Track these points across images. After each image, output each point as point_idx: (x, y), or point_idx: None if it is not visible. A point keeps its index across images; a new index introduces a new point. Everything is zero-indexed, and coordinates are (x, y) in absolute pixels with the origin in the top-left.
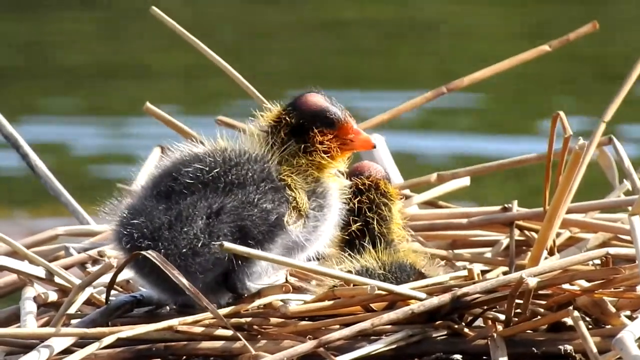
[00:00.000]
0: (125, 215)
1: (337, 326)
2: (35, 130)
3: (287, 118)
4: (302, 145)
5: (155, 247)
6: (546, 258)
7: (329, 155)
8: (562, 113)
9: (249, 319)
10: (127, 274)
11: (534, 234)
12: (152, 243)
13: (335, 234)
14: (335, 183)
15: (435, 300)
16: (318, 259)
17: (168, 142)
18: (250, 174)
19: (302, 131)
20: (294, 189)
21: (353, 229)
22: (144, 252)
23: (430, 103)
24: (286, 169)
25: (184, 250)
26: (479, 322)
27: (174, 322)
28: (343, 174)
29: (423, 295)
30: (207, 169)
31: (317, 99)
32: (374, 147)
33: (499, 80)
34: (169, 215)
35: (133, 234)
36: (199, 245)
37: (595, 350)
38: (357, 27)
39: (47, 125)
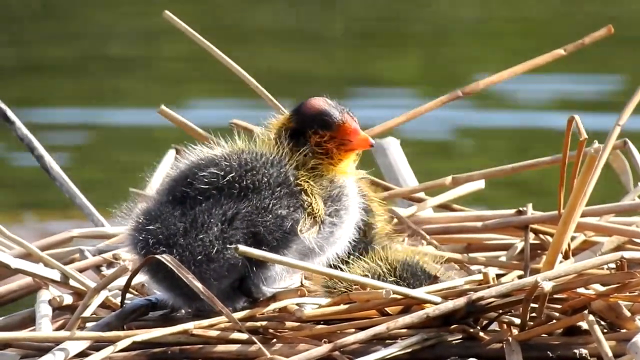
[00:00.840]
0: (140, 220)
1: (352, 330)
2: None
3: (288, 123)
4: (305, 149)
5: (170, 253)
6: (561, 262)
7: (327, 156)
8: (577, 117)
9: (264, 323)
10: (143, 277)
11: (548, 237)
12: (167, 249)
13: (354, 235)
14: (352, 181)
15: (450, 304)
16: (334, 265)
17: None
18: (266, 179)
19: (300, 135)
20: (310, 195)
21: None
22: (158, 256)
23: None
24: (303, 174)
25: (199, 257)
26: (494, 326)
27: (189, 325)
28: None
29: (438, 299)
30: (222, 173)
31: (317, 102)
32: (372, 145)
33: None
34: (184, 221)
35: (148, 240)
36: (214, 251)
37: (610, 354)
38: None
39: None
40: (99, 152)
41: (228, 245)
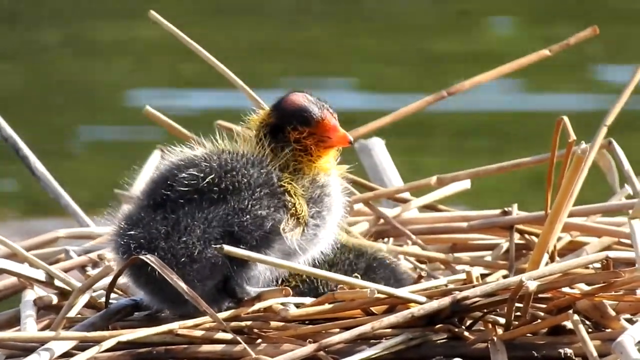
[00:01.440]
0: (122, 225)
1: (337, 330)
2: None
3: (268, 119)
4: (283, 146)
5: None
6: (547, 263)
7: (306, 153)
8: (565, 118)
9: (249, 323)
10: (126, 282)
11: (534, 237)
12: (148, 253)
13: (337, 234)
14: (333, 178)
15: (435, 304)
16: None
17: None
18: (246, 180)
19: (278, 131)
20: (294, 196)
21: None
22: (142, 257)
23: None
24: (287, 176)
25: (182, 259)
26: (479, 325)
27: (174, 325)
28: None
29: (423, 299)
30: (202, 175)
31: (297, 98)
32: (351, 142)
33: None
34: (166, 224)
35: (130, 244)
36: (196, 252)
37: (595, 353)
38: None
39: None
40: None
41: (213, 245)
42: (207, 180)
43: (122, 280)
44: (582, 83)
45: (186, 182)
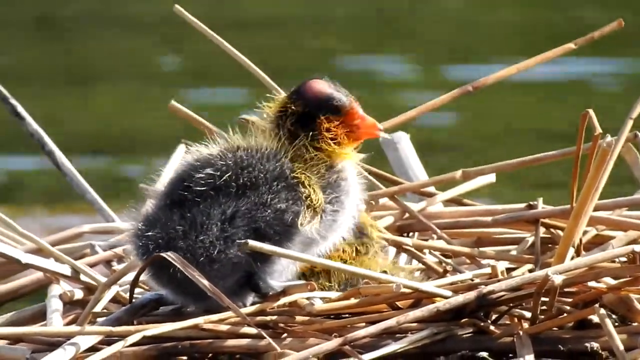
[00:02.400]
0: (140, 226)
1: (363, 324)
2: None
3: (292, 107)
4: (310, 134)
5: None
6: (573, 258)
7: (336, 142)
8: (591, 111)
9: (274, 317)
10: (149, 282)
11: (559, 231)
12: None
13: (355, 222)
14: (350, 163)
15: (460, 298)
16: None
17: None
18: (263, 174)
19: (308, 119)
20: (308, 186)
21: None
22: (164, 254)
23: None
24: (299, 166)
25: (201, 259)
26: (505, 319)
27: (199, 320)
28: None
29: (449, 293)
30: (218, 174)
31: (322, 85)
32: (380, 131)
33: None
34: (183, 224)
35: (148, 246)
36: (215, 252)
37: (621, 347)
38: None
39: None
40: None
41: (237, 241)
42: (224, 178)
43: (145, 279)
44: None
45: (203, 181)
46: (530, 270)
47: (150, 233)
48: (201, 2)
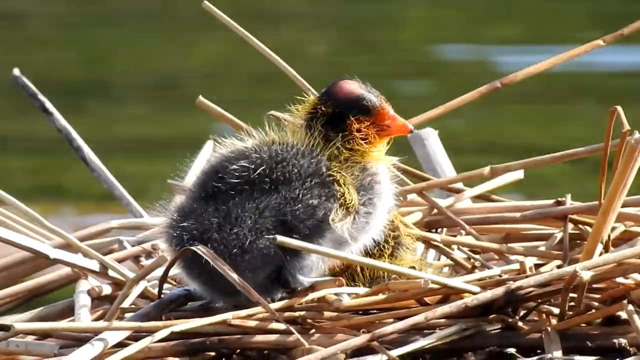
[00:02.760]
0: (174, 217)
1: (391, 320)
2: None
3: (322, 108)
4: (340, 135)
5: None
6: (601, 254)
7: (367, 142)
8: (619, 108)
9: (302, 313)
10: (179, 273)
11: (588, 228)
12: (201, 244)
13: (387, 221)
14: (383, 167)
15: (489, 294)
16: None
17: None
18: (297, 170)
19: (338, 120)
20: (343, 185)
21: None
22: (194, 248)
23: None
24: (335, 165)
25: (234, 250)
26: (533, 315)
27: (227, 316)
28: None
29: (477, 289)
30: (252, 166)
31: (352, 86)
32: (411, 131)
33: None
34: (218, 216)
35: (183, 236)
36: (247, 243)
37: None
38: None
39: None
40: None
41: (266, 236)
42: (258, 171)
43: (175, 271)
44: None
45: (237, 173)
46: (559, 267)
47: (185, 224)
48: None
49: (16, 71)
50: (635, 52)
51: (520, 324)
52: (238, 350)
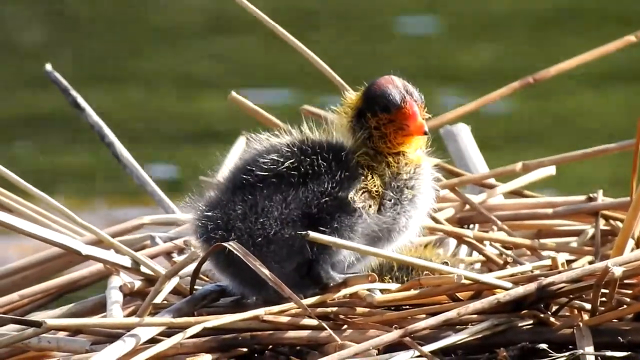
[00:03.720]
0: (201, 208)
1: (423, 315)
2: None
3: (357, 103)
4: (361, 131)
5: (229, 237)
6: (632, 249)
7: (384, 140)
8: None
9: (334, 309)
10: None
11: (619, 223)
12: (225, 233)
13: (425, 222)
14: (423, 168)
15: (521, 290)
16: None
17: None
18: (326, 163)
19: (362, 116)
20: (370, 175)
21: None
22: (225, 244)
23: None
24: (364, 157)
25: (259, 239)
26: (565, 311)
27: (260, 311)
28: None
29: (509, 285)
30: (282, 159)
31: (383, 83)
32: (425, 133)
33: None
34: (243, 206)
35: (207, 226)
36: (272, 233)
37: None
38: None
39: None
40: None
41: (298, 232)
42: (286, 164)
43: (207, 266)
44: None
45: (266, 166)
46: (590, 262)
47: (209, 213)
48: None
49: (48, 66)
50: None
51: (552, 319)
52: (270, 346)
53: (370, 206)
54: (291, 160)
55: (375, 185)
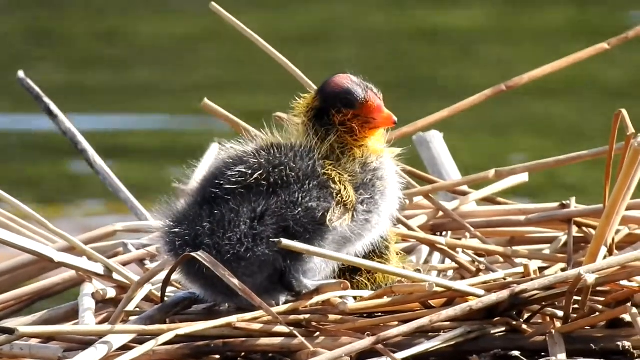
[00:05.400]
0: (168, 223)
1: (396, 323)
2: None
3: (314, 103)
4: (325, 129)
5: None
6: (605, 257)
7: (352, 135)
8: (624, 111)
9: (307, 316)
10: (179, 278)
11: (592, 230)
12: (193, 250)
13: (393, 221)
14: (386, 161)
15: (493, 297)
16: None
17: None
18: (294, 173)
19: (324, 114)
20: (339, 182)
21: None
22: (194, 254)
23: None
24: (330, 163)
25: (227, 256)
26: (537, 318)
27: (232, 319)
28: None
29: (481, 292)
30: (250, 171)
31: (340, 80)
32: (395, 123)
33: None
34: (211, 221)
35: (175, 242)
36: (243, 250)
37: None
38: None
39: None
40: None
41: (271, 240)
42: (255, 176)
43: (176, 276)
44: None
45: (234, 179)
46: (563, 270)
47: (177, 230)
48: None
49: (21, 73)
50: None
51: (524, 326)
52: (243, 354)
53: (345, 220)
54: (259, 172)
55: (348, 197)
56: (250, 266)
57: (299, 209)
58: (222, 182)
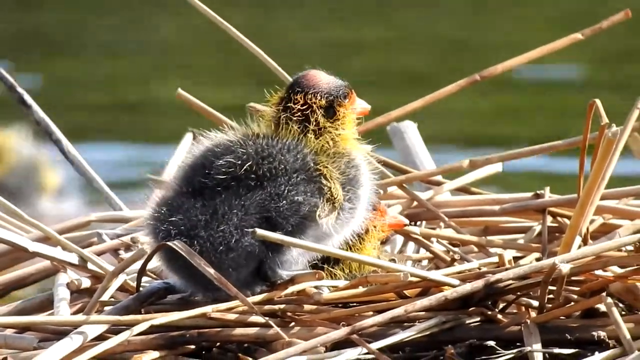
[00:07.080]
0: (162, 210)
1: (371, 313)
2: None
3: (315, 101)
4: (333, 122)
5: (192, 245)
6: (580, 247)
7: (342, 128)
8: (598, 101)
9: (282, 306)
10: (161, 266)
11: (566, 220)
12: (188, 241)
13: (367, 216)
14: (361, 157)
15: (468, 287)
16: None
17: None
18: (283, 166)
19: (331, 109)
20: (330, 179)
21: None
22: (170, 243)
23: None
24: (323, 159)
25: (220, 247)
26: (512, 308)
27: (207, 309)
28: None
29: (456, 282)
30: (239, 162)
31: (324, 75)
32: (368, 111)
33: None
34: (205, 212)
35: (170, 231)
36: (233, 241)
37: (628, 336)
38: None
39: None
40: None
41: (246, 229)
42: (244, 167)
43: (155, 264)
44: None
45: (224, 169)
46: (538, 259)
47: (173, 219)
48: None
49: None
50: None
51: (499, 316)
52: (218, 344)
53: (332, 217)
54: (249, 163)
55: (337, 195)
56: (237, 258)
57: (284, 202)
58: (211, 171)
